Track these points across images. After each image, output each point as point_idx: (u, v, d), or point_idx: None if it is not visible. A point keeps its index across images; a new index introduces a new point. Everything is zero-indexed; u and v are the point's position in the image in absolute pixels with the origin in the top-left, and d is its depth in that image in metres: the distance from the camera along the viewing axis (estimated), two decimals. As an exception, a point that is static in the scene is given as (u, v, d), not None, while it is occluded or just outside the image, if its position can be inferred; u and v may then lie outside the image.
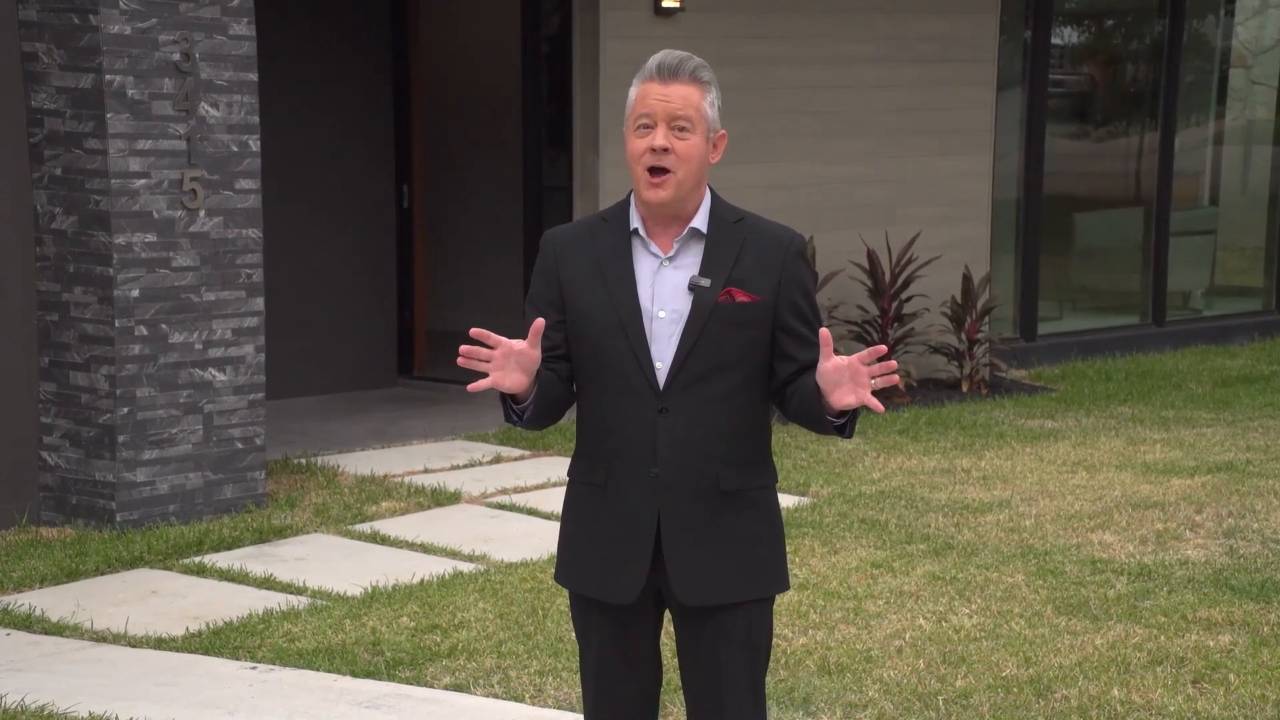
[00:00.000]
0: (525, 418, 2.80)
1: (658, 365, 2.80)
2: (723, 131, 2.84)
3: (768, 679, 3.92)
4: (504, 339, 2.71)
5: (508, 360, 2.70)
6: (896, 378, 2.71)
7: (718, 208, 2.87)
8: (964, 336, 8.66)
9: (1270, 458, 7.09)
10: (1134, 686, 4.35)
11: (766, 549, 2.88)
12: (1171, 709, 4.20)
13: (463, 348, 2.70)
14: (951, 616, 4.91)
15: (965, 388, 8.64)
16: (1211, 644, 4.67)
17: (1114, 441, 7.47)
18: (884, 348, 2.71)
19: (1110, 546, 5.69)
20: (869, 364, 2.68)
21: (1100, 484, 6.61)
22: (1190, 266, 10.90)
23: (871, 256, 8.37)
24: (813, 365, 2.79)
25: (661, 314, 2.81)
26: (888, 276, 8.39)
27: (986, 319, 8.81)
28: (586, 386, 2.87)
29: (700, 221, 2.83)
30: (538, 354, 2.74)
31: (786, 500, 6.30)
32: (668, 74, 2.78)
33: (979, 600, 5.08)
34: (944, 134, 8.91)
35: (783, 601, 5.00)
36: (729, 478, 2.82)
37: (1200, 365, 9.67)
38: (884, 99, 8.66)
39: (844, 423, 2.77)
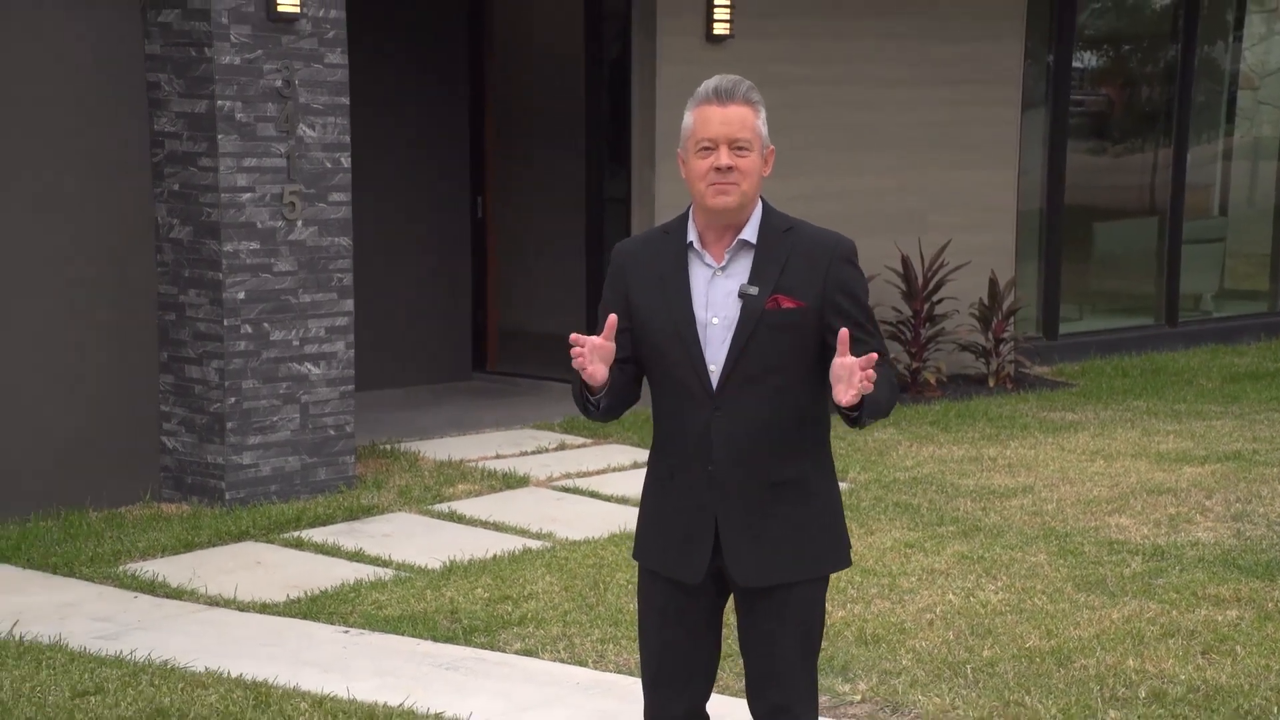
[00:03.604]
0: (601, 409, 2.82)
1: (711, 368, 2.80)
2: (772, 147, 2.84)
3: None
4: (589, 337, 2.74)
5: (593, 354, 2.73)
6: (870, 385, 2.62)
7: (769, 218, 2.85)
8: (991, 335, 8.62)
9: (1275, 448, 7.00)
10: (1148, 657, 4.33)
11: (819, 532, 2.86)
12: (1182, 678, 4.18)
13: (573, 350, 2.73)
14: (979, 592, 4.90)
15: (992, 383, 8.59)
16: (1220, 619, 4.63)
17: (1130, 432, 7.40)
18: (875, 355, 2.67)
19: (1126, 529, 5.65)
20: (865, 368, 2.65)
21: (1117, 471, 6.56)
22: (1201, 271, 10.77)
23: (905, 262, 8.35)
24: (870, 354, 2.75)
25: (715, 320, 2.80)
26: (920, 280, 8.36)
27: (1012, 319, 8.76)
28: (654, 388, 2.89)
29: (750, 233, 2.82)
30: (613, 346, 2.76)
31: (827, 485, 6.29)
32: (725, 96, 2.77)
33: (1004, 578, 5.05)
34: (972, 149, 8.86)
35: (824, 577, 5.01)
36: (781, 470, 2.81)
37: (1210, 363, 9.55)
38: (917, 117, 8.63)
39: (856, 415, 2.73)
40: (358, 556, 5.29)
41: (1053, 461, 6.75)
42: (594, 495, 6.16)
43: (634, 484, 5.22)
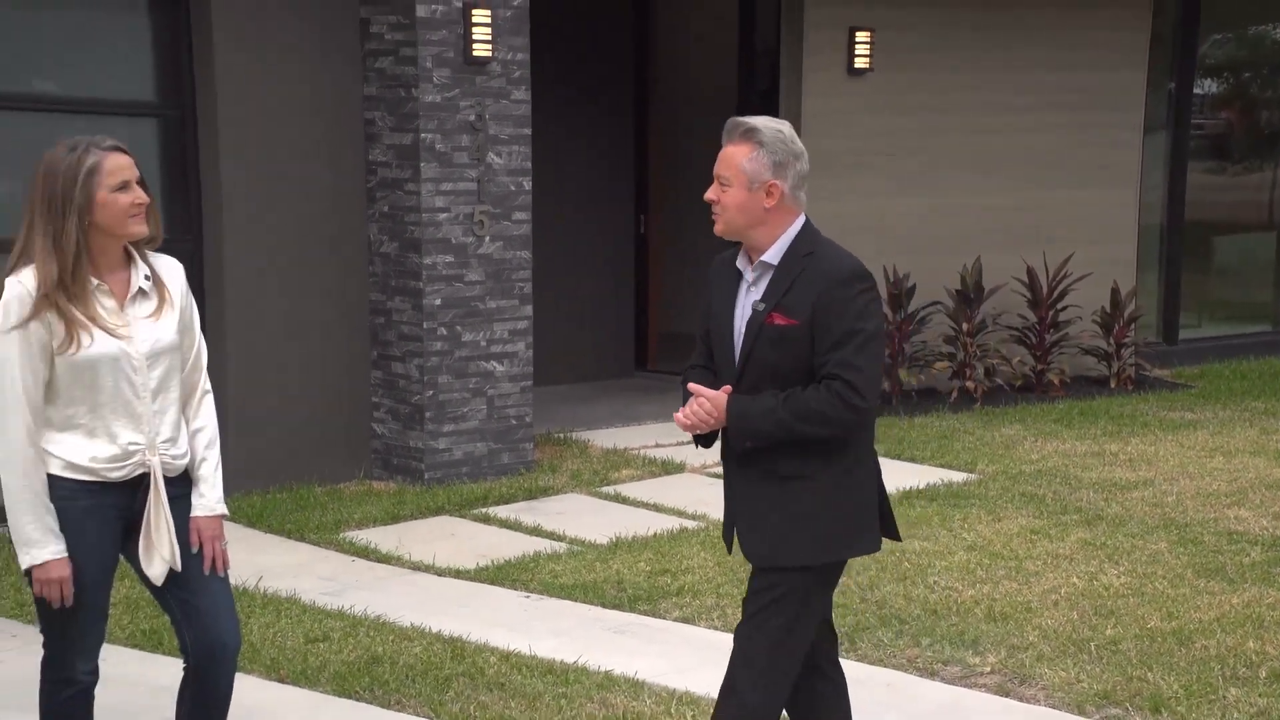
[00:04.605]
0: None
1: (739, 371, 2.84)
2: (772, 181, 2.76)
3: (863, 633, 3.87)
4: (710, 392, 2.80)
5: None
6: (688, 421, 2.78)
7: (797, 242, 2.78)
8: (1112, 340, 8.34)
9: (1393, 449, 6.61)
10: (1268, 640, 4.14)
11: (818, 523, 2.79)
12: (1301, 661, 3.99)
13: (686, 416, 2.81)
14: (1101, 576, 4.75)
15: (1113, 384, 8.30)
16: (1338, 608, 4.41)
17: (1248, 431, 7.07)
18: (711, 394, 2.76)
19: (1245, 521, 5.41)
20: (691, 404, 2.77)
21: (1235, 467, 6.28)
22: (1318, 282, 10.22)
23: (1030, 273, 8.14)
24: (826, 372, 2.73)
25: (743, 330, 2.84)
26: (1045, 290, 8.14)
27: (1133, 326, 8.46)
28: None
29: (772, 255, 2.80)
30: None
31: (955, 476, 6.18)
32: (725, 135, 2.82)
33: (1126, 563, 4.89)
34: (1095, 170, 8.60)
35: (953, 560, 4.93)
36: (786, 465, 2.77)
37: (1327, 368, 9.06)
38: (1043, 141, 8.41)
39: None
40: (536, 531, 5.37)
41: (1172, 457, 6.50)
42: (744, 481, 6.15)
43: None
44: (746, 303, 2.83)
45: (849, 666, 3.83)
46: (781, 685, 2.80)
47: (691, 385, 2.81)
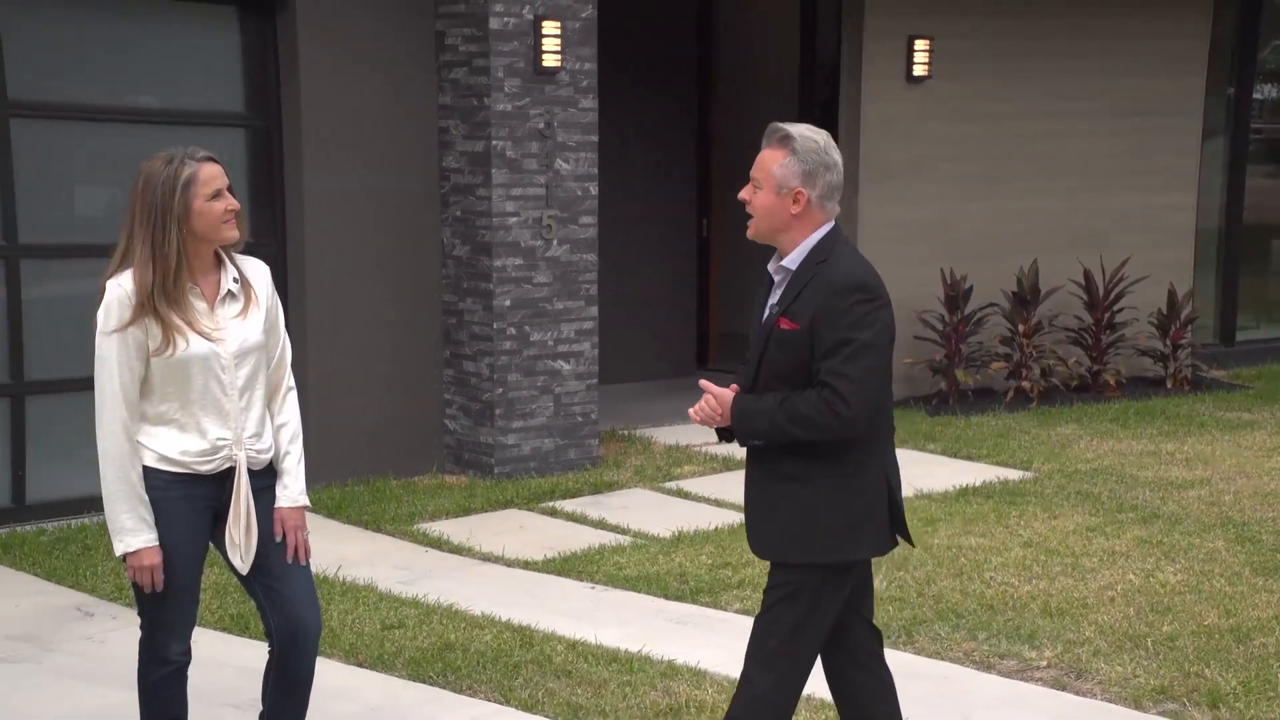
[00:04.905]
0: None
1: None
2: (798, 189, 2.74)
3: (919, 627, 3.82)
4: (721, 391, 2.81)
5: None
6: (697, 417, 2.80)
7: (816, 249, 2.77)
8: (1169, 341, 8.16)
9: None
10: (1325, 640, 4.04)
11: (817, 524, 2.76)
12: (1360, 662, 3.88)
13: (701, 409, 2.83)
14: (1158, 573, 4.66)
15: (1169, 384, 8.13)
16: (1399, 609, 4.28)
17: (1307, 433, 6.89)
18: (718, 392, 2.77)
19: (1303, 522, 5.27)
20: (705, 403, 2.79)
21: (1293, 468, 6.12)
22: (1379, 284, 9.91)
23: (1087, 275, 8.01)
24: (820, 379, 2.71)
25: None
26: (1101, 291, 8.00)
27: (1189, 328, 8.27)
28: None
29: (791, 260, 2.80)
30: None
31: (1012, 474, 6.10)
32: (764, 139, 2.82)
33: (1183, 561, 4.79)
34: (1153, 175, 8.43)
35: (1010, 556, 4.86)
36: (788, 465, 2.76)
37: (1389, 369, 8.78)
38: (1101, 146, 8.26)
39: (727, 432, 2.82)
40: (601, 525, 5.38)
41: (1229, 457, 6.35)
42: (802, 478, 6.11)
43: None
44: (769, 305, 2.85)
45: (906, 659, 3.82)
46: (794, 678, 2.80)
47: (702, 383, 2.84)
